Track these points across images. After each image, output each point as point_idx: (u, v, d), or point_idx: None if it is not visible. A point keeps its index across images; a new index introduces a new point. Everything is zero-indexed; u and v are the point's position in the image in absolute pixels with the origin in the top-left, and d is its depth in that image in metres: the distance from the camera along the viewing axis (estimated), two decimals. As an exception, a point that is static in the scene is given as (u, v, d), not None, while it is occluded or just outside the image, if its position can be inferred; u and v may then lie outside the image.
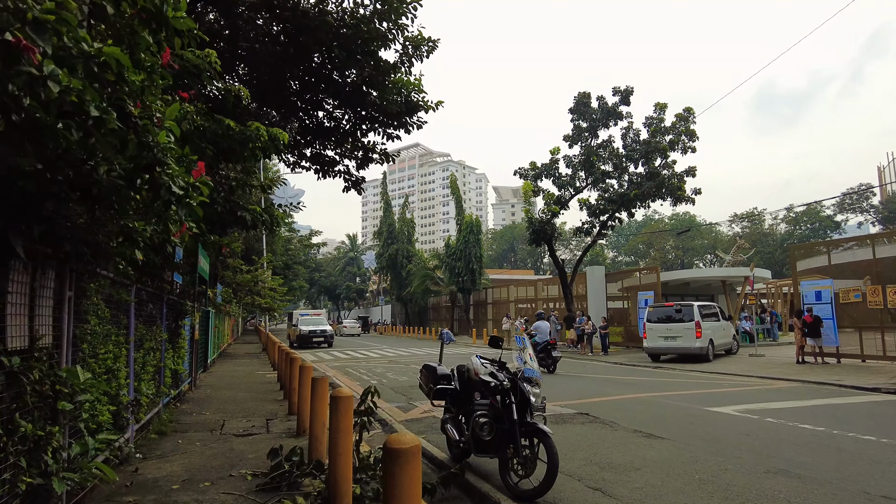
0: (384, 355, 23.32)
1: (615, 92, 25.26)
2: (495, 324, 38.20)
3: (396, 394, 11.61)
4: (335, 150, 10.28)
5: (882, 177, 74.46)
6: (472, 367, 5.86)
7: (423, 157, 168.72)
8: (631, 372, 15.92)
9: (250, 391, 11.77)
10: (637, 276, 25.80)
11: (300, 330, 28.90)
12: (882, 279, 16.50)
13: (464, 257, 40.62)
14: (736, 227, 76.41)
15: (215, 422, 8.09)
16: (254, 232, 13.79)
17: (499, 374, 5.59)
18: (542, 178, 26.53)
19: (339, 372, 16.46)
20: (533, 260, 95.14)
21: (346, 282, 79.05)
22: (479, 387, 5.65)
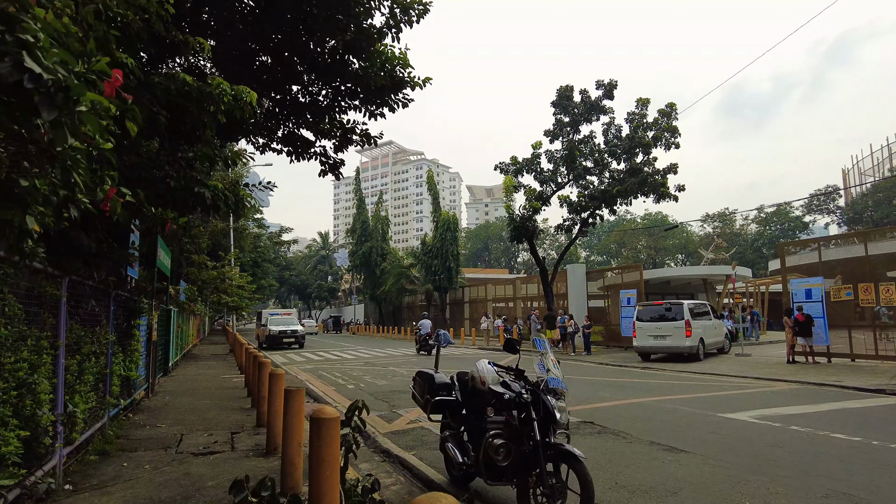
0: (359, 356, 22.25)
1: (599, 85, 24.65)
2: (473, 323, 37.39)
3: (377, 400, 10.62)
4: (310, 130, 9.23)
5: (846, 179, 75.91)
6: (478, 375, 4.94)
7: (396, 154, 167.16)
8: (621, 373, 15.23)
9: (214, 398, 10.64)
10: (619, 274, 25.21)
11: (270, 330, 27.57)
12: (852, 278, 16.33)
13: (440, 255, 39.66)
14: (707, 228, 77.16)
15: (172, 436, 7.00)
16: (216, 219, 12.49)
17: (513, 383, 4.68)
18: (522, 173, 25.79)
19: (311, 375, 15.36)
20: (507, 259, 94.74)
21: (317, 281, 77.25)
22: (488, 398, 4.74)
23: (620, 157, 24.60)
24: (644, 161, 24.46)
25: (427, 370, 5.70)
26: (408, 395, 11.33)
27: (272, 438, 6.22)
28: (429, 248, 41.28)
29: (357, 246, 52.30)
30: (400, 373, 15.49)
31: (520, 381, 4.64)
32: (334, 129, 9.13)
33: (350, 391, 11.95)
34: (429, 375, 5.49)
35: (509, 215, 25.15)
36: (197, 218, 16.26)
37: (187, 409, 9.21)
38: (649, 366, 17.02)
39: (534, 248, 26.12)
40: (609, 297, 26.80)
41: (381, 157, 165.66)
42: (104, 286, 6.42)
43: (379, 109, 8.88)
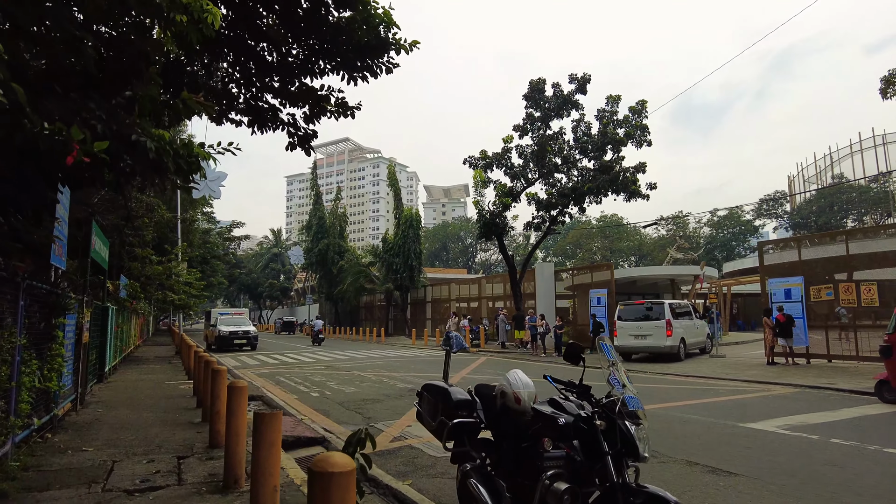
0: (318, 359, 20.75)
1: (572, 79, 23.94)
2: (435, 324, 36.28)
3: (348, 411, 9.33)
4: (277, 96, 7.87)
5: (792, 186, 78.71)
6: (511, 390, 3.79)
7: (352, 152, 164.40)
8: (603, 375, 14.33)
9: (158, 409, 9.11)
10: (589, 273, 24.56)
11: (219, 330, 25.64)
12: (815, 279, 16.18)
13: (402, 253, 38.32)
14: (661, 230, 78.59)
15: (99, 465, 5.56)
16: (157, 188, 11.00)
17: (566, 402, 3.56)
18: (492, 167, 24.85)
19: (268, 381, 13.88)
20: (465, 259, 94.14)
21: (268, 280, 74.36)
22: (529, 421, 3.60)
23: (591, 153, 23.97)
24: (614, 159, 23.95)
25: (437, 383, 4.52)
26: (384, 405, 10.16)
27: (232, 468, 4.89)
28: (390, 245, 39.89)
29: (313, 243, 50.30)
30: (367, 378, 14.19)
31: (583, 400, 3.53)
32: (306, 96, 7.80)
33: (315, 400, 10.60)
34: (442, 391, 4.31)
35: (479, 211, 24.16)
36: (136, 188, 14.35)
37: (123, 425, 7.70)
38: (630, 367, 16.29)
39: (503, 246, 25.24)
40: (576, 297, 26.18)
41: (336, 155, 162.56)
42: (10, 274, 4.96)
43: (360, 73, 7.61)
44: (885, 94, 16.17)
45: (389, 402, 10.16)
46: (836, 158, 69.24)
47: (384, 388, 11.98)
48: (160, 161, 3.79)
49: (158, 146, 3.67)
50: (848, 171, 66.30)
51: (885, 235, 15.96)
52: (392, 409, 9.29)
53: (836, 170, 68.57)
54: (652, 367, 15.92)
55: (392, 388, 11.96)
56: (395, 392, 11.40)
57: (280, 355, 22.96)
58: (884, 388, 9.57)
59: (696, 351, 19.40)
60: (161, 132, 3.73)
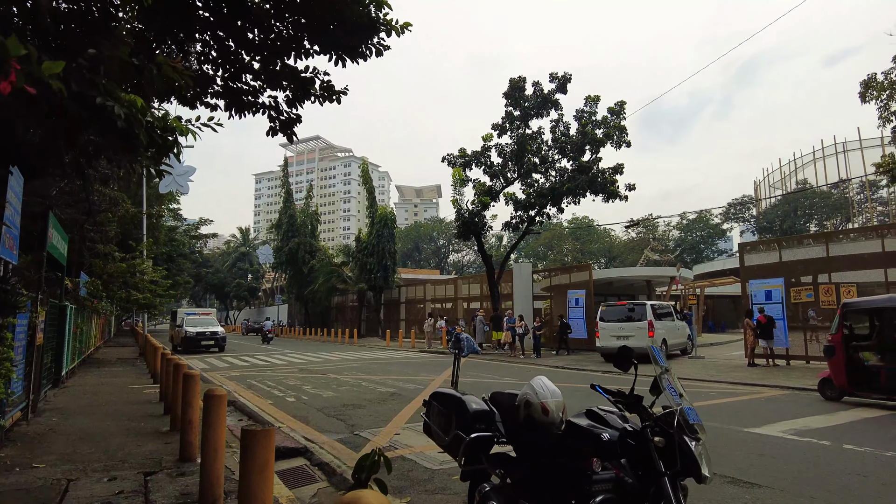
0: (291, 362, 19.99)
1: (552, 78, 23.71)
2: (410, 324, 35.69)
3: (328, 417, 8.74)
4: (258, 78, 7.25)
5: (758, 191, 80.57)
6: (537, 400, 3.32)
7: (323, 150, 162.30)
8: (588, 378, 14.01)
9: (120, 417, 8.38)
10: (567, 274, 24.37)
11: (186, 331, 24.59)
12: (795, 281, 16.34)
13: (376, 252, 37.60)
14: (632, 233, 79.52)
15: (52, 485, 4.89)
16: (126, 168, 10.27)
17: (609, 414, 3.11)
18: (471, 166, 24.45)
19: (239, 384, 13.15)
20: (437, 260, 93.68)
21: (236, 279, 72.50)
22: (566, 438, 3.13)
23: (570, 153, 23.77)
24: (592, 160, 23.81)
25: (448, 391, 4.03)
26: (367, 411, 9.57)
27: (209, 487, 4.30)
28: (364, 244, 39.12)
29: (283, 242, 49.08)
30: (345, 381, 13.58)
31: (635, 412, 3.07)
32: (289, 78, 7.22)
33: (291, 406, 9.97)
34: (455, 400, 3.81)
35: (457, 210, 23.70)
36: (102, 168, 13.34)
37: (81, 436, 6.98)
38: (612, 368, 16.07)
39: (481, 246, 24.85)
40: (553, 298, 25.97)
41: (307, 153, 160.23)
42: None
43: (349, 54, 7.05)
44: (864, 97, 16.29)
45: (372, 407, 9.61)
46: (799, 164, 71.09)
47: (364, 393, 11.40)
48: (130, 132, 3.20)
49: (129, 113, 3.08)
50: (811, 176, 68.18)
51: (864, 238, 16.06)
52: (376, 415, 8.74)
53: (800, 175, 70.42)
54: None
55: (373, 393, 11.39)
56: (377, 396, 10.84)
57: (250, 357, 22.10)
58: (826, 385, 10.09)
59: (677, 352, 19.41)
60: (133, 97, 3.13)
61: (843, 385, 9.69)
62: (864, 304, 10.47)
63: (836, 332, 9.99)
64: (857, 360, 9.78)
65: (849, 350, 9.81)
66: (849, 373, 9.63)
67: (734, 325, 46.01)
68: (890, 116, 16.11)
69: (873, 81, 16.15)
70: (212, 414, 4.42)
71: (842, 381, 9.71)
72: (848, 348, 9.82)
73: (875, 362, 9.59)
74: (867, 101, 16.33)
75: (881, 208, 65.29)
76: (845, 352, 9.75)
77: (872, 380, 9.39)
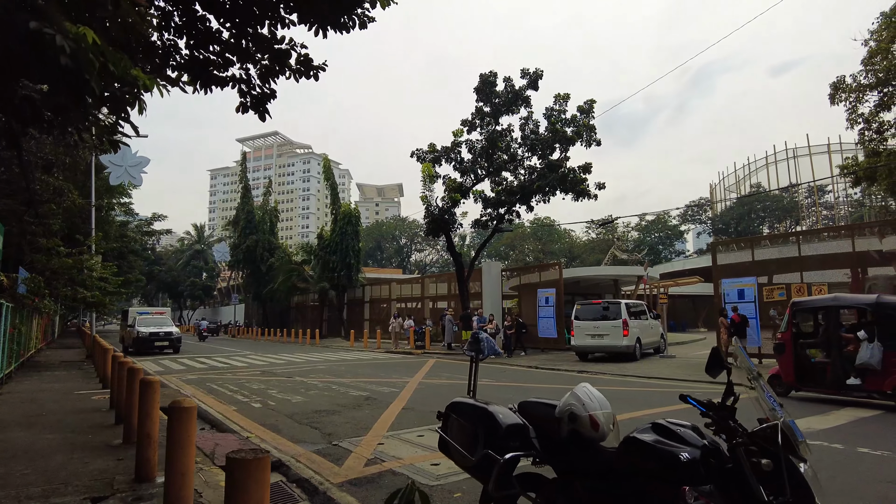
0: (252, 364, 18.99)
1: (524, 74, 23.34)
2: (374, 325, 34.84)
3: (301, 426, 8.01)
4: (228, 50, 6.48)
5: (713, 193, 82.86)
6: (586, 413, 2.77)
7: (281, 147, 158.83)
8: (564, 378, 13.60)
9: (64, 428, 7.46)
10: (537, 273, 24.08)
11: (138, 331, 23.16)
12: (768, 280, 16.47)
13: (339, 250, 36.58)
14: (592, 234, 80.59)
15: (-20, 517, 4.08)
16: (75, 130, 9.40)
17: (683, 430, 2.58)
18: (441, 162, 23.88)
19: (199, 389, 12.21)
20: (399, 259, 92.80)
21: (190, 277, 69.83)
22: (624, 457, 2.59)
23: (541, 151, 23.48)
24: (561, 158, 23.61)
25: (471, 401, 3.41)
26: (342, 418, 8.79)
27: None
28: (326, 242, 38.02)
29: (240, 239, 47.38)
30: (313, 384, 12.79)
31: (725, 426, 2.54)
32: (263, 49, 6.48)
33: (258, 412, 9.17)
34: (482, 413, 3.20)
35: (427, 207, 23.08)
36: None
37: (15, 453, 6.07)
38: (587, 367, 15.80)
39: (451, 243, 24.30)
40: (521, 297, 25.67)
41: (265, 149, 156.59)
42: None
43: (331, 24, 6.36)
44: (833, 99, 16.49)
45: (347, 413, 8.91)
46: (753, 169, 73.49)
47: (336, 397, 10.67)
48: (79, 76, 2.48)
49: (76, 49, 2.36)
50: (764, 180, 70.54)
51: (830, 237, 16.20)
52: (353, 423, 8.06)
53: (753, 179, 72.76)
54: (609, 368, 15.48)
55: (345, 397, 10.67)
56: (350, 401, 10.13)
57: (207, 359, 20.94)
58: (774, 381, 10.31)
59: (651, 351, 19.45)
60: (82, 29, 2.42)
61: (792, 381, 10.08)
62: (811, 303, 10.89)
63: (785, 330, 10.39)
64: (803, 357, 10.21)
65: (797, 347, 10.25)
66: (797, 369, 10.04)
67: (694, 324, 46.96)
68: (857, 118, 16.32)
69: (842, 83, 16.35)
70: (179, 429, 3.69)
71: (790, 377, 10.10)
72: (796, 346, 10.26)
73: (821, 359, 10.08)
74: (836, 102, 16.53)
75: (826, 212, 68.07)
76: (794, 349, 10.17)
77: (818, 376, 9.87)
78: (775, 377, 10.45)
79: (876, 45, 16.44)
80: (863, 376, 9.25)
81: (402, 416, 8.52)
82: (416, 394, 10.85)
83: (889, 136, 16.48)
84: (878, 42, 16.41)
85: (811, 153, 67.55)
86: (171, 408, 3.73)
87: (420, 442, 6.74)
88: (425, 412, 8.76)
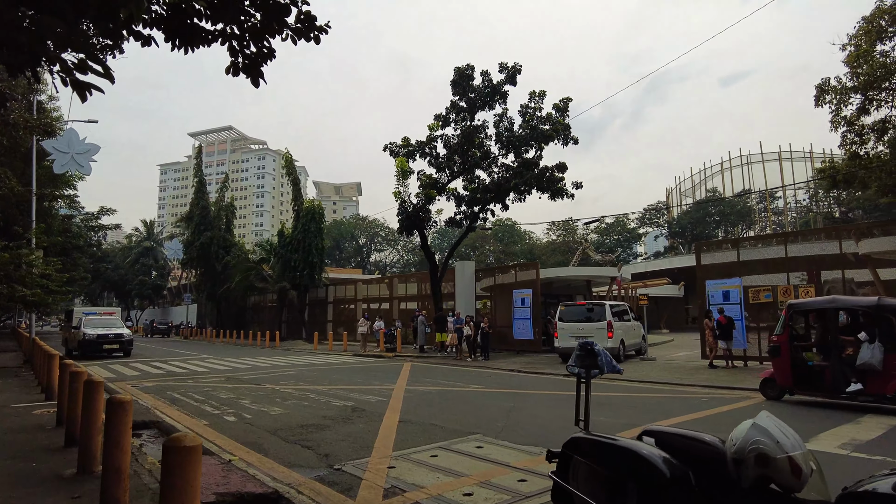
0: (213, 368, 17.62)
1: (502, 68, 22.66)
2: (337, 326, 33.55)
3: (288, 444, 6.98)
4: (209, 7, 5.42)
5: (669, 198, 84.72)
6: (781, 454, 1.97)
7: (235, 142, 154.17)
8: (554, 383, 12.88)
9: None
10: (513, 273, 23.44)
11: (85, 333, 21.28)
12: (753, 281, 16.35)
13: (302, 248, 35.05)
14: (553, 235, 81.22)
15: None
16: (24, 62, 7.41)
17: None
18: (415, 157, 22.95)
19: (159, 398, 10.93)
20: (358, 259, 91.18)
21: (139, 276, 66.37)
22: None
23: (517, 148, 22.86)
24: (536, 156, 23.09)
25: (606, 438, 2.55)
26: (334, 433, 7.42)
27: None
28: (288, 239, 36.43)
29: (194, 236, 45.08)
30: (287, 393, 11.67)
31: None
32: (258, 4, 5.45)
33: (235, 427, 8.05)
34: (631, 455, 2.35)
35: (401, 203, 22.11)
36: None
37: (-59, 490, 4.86)
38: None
39: (425, 242, 23.41)
40: (494, 297, 25.01)
41: (218, 144, 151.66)
42: None
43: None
44: (818, 100, 16.43)
45: (339, 428, 7.90)
46: (709, 174, 75.50)
47: (319, 408, 9.62)
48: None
49: None
50: (720, 185, 72.54)
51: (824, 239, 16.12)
52: (350, 441, 7.07)
53: (709, 184, 74.74)
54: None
55: (329, 408, 9.63)
56: (337, 413, 9.10)
57: (162, 363, 19.36)
58: (767, 385, 10.29)
59: (633, 352, 19.13)
60: None
61: (789, 384, 9.84)
62: (808, 305, 10.65)
63: (781, 332, 10.07)
64: (800, 360, 9.94)
65: (793, 350, 9.98)
66: (794, 372, 9.76)
67: (657, 325, 47.49)
68: (840, 121, 16.30)
69: (827, 85, 16.30)
70: (180, 476, 2.68)
71: (787, 380, 9.84)
72: (793, 348, 9.99)
73: (819, 362, 9.80)
74: (820, 104, 16.47)
75: (774, 217, 70.46)
76: (790, 352, 9.89)
77: (816, 379, 9.64)
78: (769, 380, 10.30)
79: (855, 50, 16.49)
80: (863, 380, 9.01)
81: (402, 430, 7.58)
82: (407, 403, 9.90)
83: (869, 139, 16.54)
84: (857, 47, 16.46)
85: (764, 160, 69.95)
86: (170, 447, 2.71)
87: (437, 464, 5.83)
88: (426, 425, 7.87)
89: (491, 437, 7.06)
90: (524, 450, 6.41)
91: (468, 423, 7.97)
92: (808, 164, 69.77)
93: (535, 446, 6.52)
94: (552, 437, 6.96)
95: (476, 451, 6.37)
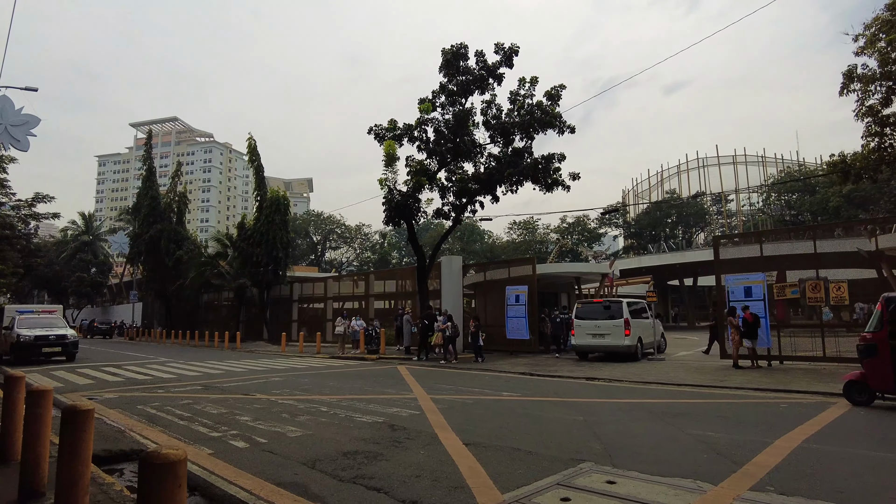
0: (180, 374, 15.33)
1: (498, 49, 21.14)
2: (303, 326, 31.23)
3: (344, 484, 5.14)
4: None
5: (626, 198, 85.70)
6: None
7: (181, 134, 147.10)
8: (585, 388, 11.38)
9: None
10: (506, 268, 21.96)
11: (20, 335, 18.40)
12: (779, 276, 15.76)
13: (265, 242, 32.49)
14: (514, 234, 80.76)
15: None
16: None
17: None
18: (403, 141, 21.14)
19: (129, 415, 8.79)
20: (312, 258, 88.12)
21: (76, 272, 61.22)
22: None
23: (513, 135, 21.42)
24: (526, 146, 21.76)
25: None
26: (393, 465, 5.45)
27: None
28: (250, 232, 33.78)
29: (142, 228, 41.52)
30: (293, 406, 9.71)
31: None
32: None
33: (253, 459, 6.12)
34: None
35: (387, 191, 20.24)
36: None
37: None
38: (591, 373, 13.75)
39: (413, 233, 21.62)
40: (483, 294, 23.50)
41: (162, 135, 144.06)
42: None
43: None
44: (845, 88, 15.69)
45: (394, 455, 6.06)
46: (666, 176, 76.70)
47: (346, 427, 7.72)
48: None
49: None
50: (677, 187, 73.75)
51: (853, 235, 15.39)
52: (427, 475, 5.28)
53: (667, 186, 75.92)
54: (616, 373, 13.75)
55: (358, 426, 7.76)
56: (374, 434, 7.24)
57: (118, 369, 16.83)
58: (853, 388, 9.18)
59: (651, 350, 18.30)
60: None
61: (889, 388, 8.62)
62: None
63: (879, 328, 8.86)
64: None
65: (893, 350, 8.66)
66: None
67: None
68: (865, 111, 15.59)
69: (854, 73, 15.56)
70: None
71: (886, 383, 8.62)
72: (892, 347, 8.67)
73: None
74: (845, 93, 15.73)
75: (724, 220, 72.14)
76: (892, 351, 8.62)
77: None
78: (856, 383, 9.10)
79: (866, 42, 15.85)
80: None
81: (483, 459, 5.81)
82: (450, 418, 8.15)
83: (889, 130, 15.92)
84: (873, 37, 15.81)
85: (720, 163, 71.54)
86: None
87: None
88: (507, 450, 6.17)
89: (608, 466, 5.44)
90: (672, 483, 4.83)
91: (555, 446, 6.34)
92: (761, 168, 71.95)
93: (679, 477, 4.98)
94: (683, 462, 5.46)
95: (611, 488, 4.75)
